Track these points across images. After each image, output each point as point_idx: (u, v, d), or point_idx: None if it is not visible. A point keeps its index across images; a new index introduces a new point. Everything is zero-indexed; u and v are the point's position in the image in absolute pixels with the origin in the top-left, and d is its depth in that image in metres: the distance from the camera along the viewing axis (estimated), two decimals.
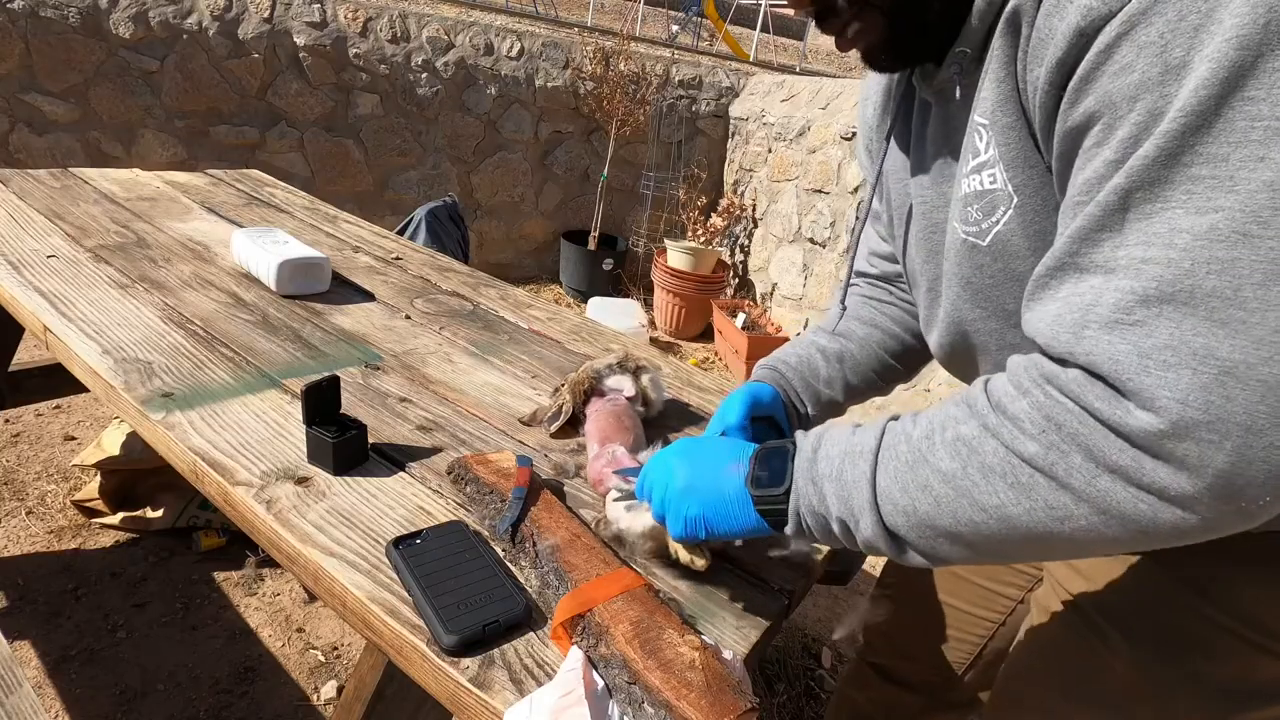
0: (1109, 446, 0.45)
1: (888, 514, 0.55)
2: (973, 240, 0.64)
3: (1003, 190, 0.60)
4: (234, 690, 1.55)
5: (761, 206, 4.21)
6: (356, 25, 3.54)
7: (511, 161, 4.11)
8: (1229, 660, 0.67)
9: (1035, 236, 0.59)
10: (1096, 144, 0.48)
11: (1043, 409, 0.48)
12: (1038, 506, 0.48)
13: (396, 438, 0.93)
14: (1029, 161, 0.57)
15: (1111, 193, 0.46)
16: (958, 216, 0.65)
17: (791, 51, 7.38)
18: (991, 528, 0.51)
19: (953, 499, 0.52)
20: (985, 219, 0.62)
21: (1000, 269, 0.63)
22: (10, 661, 1.03)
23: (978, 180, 0.62)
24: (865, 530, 0.57)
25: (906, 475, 0.54)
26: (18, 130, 3.06)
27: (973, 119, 0.61)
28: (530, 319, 1.41)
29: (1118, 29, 0.46)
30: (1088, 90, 0.48)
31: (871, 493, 0.56)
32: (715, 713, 0.56)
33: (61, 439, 2.25)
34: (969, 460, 0.51)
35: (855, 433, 0.60)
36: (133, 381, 0.95)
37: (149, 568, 1.82)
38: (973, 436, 0.51)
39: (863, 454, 0.57)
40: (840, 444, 0.59)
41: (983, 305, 0.67)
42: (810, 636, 1.98)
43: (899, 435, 0.57)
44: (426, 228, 2.56)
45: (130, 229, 1.47)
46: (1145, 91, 0.45)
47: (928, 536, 0.54)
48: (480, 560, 0.71)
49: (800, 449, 0.62)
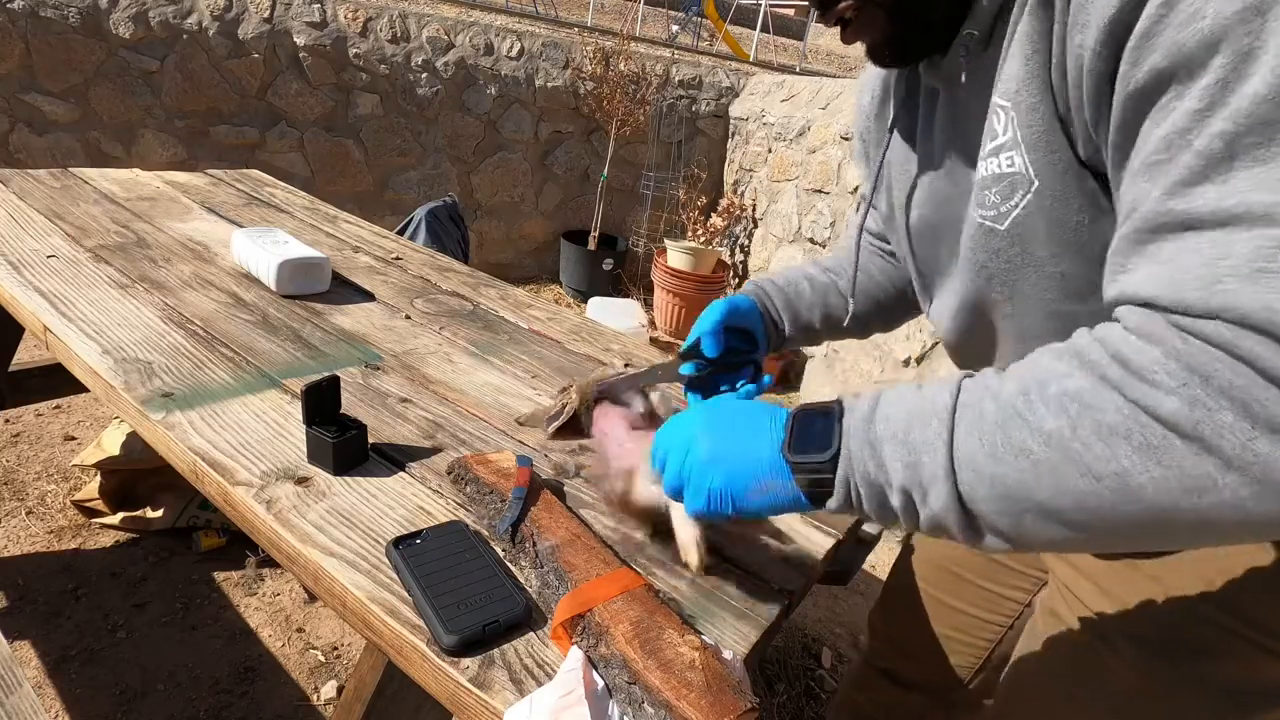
0: (1272, 401, 0.38)
1: (966, 483, 0.47)
2: (990, 224, 0.61)
3: (1022, 173, 0.57)
4: (234, 690, 1.55)
5: (761, 206, 4.21)
6: (356, 25, 3.54)
7: (511, 161, 4.11)
8: (1233, 662, 0.67)
9: (1054, 223, 0.56)
10: (1172, 99, 0.44)
11: (1183, 358, 0.41)
12: (1170, 475, 0.41)
13: (396, 438, 0.93)
14: (1051, 145, 0.54)
15: (1214, 139, 0.42)
16: (975, 201, 0.62)
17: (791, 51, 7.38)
18: (1104, 500, 0.43)
19: (1057, 464, 0.43)
20: (1004, 202, 0.59)
21: (1018, 253, 0.60)
22: (10, 661, 1.03)
23: (995, 163, 0.59)
24: (934, 503, 0.48)
25: (996, 436, 0.46)
26: (18, 130, 3.06)
27: (992, 101, 0.58)
28: (530, 319, 1.41)
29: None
30: (1152, 46, 0.44)
31: (948, 458, 0.47)
32: (715, 713, 0.56)
33: (61, 439, 2.25)
34: (1080, 418, 0.43)
35: (922, 390, 0.51)
36: (133, 381, 0.95)
37: (149, 568, 1.82)
38: (1086, 390, 0.43)
39: (935, 413, 0.49)
40: (905, 402, 0.51)
41: (1000, 290, 0.64)
42: (810, 636, 1.98)
43: (981, 391, 0.48)
44: (426, 228, 2.56)
45: (130, 229, 1.47)
46: (1225, 34, 0.41)
47: (1015, 511, 0.46)
48: (480, 560, 0.71)
49: (851, 408, 0.53)
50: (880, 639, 1.16)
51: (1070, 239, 0.57)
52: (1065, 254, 0.58)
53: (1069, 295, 0.60)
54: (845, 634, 2.03)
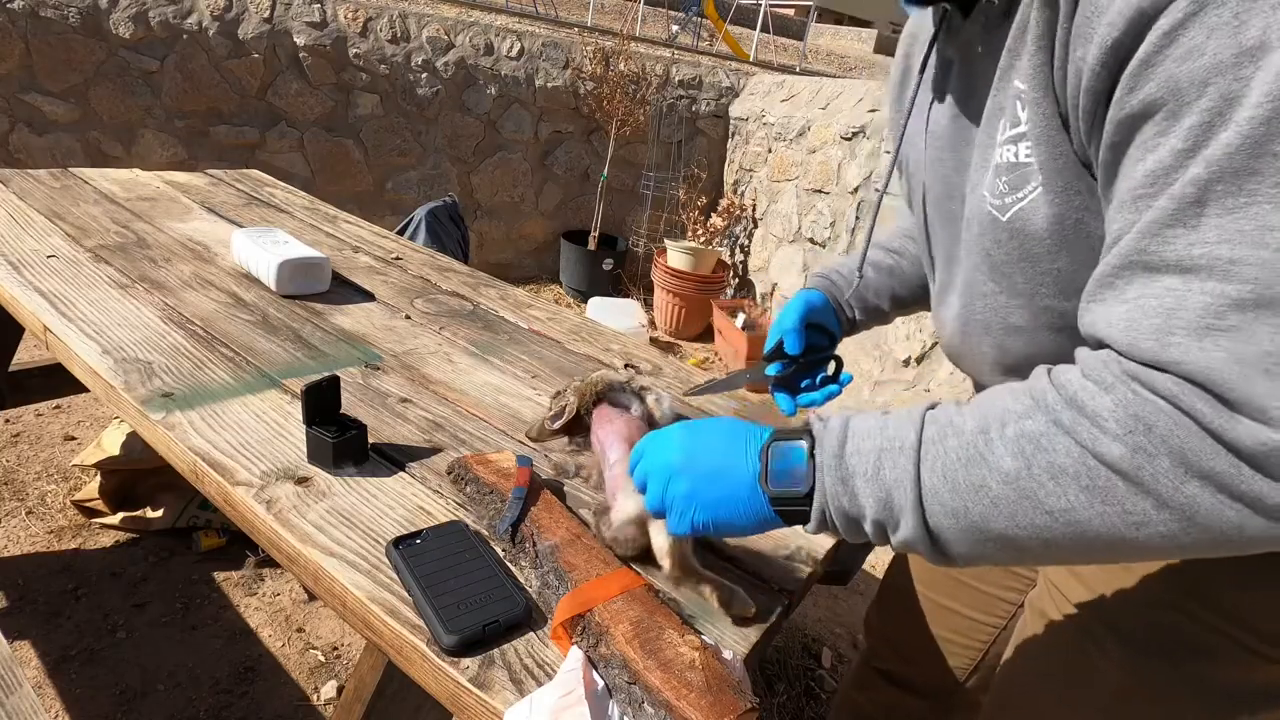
0: (1205, 451, 0.42)
1: (933, 515, 0.51)
2: (994, 213, 0.62)
3: (1034, 166, 0.57)
4: (234, 690, 1.55)
5: (761, 206, 4.21)
6: (356, 25, 3.54)
7: (511, 161, 4.11)
8: (1222, 664, 0.67)
9: (1053, 219, 0.57)
10: (1159, 133, 0.45)
11: (1130, 407, 0.44)
12: (1112, 512, 0.45)
13: (396, 438, 0.93)
14: (1052, 141, 0.55)
15: (1188, 184, 0.43)
16: (987, 185, 0.62)
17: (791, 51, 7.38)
18: (1055, 532, 0.48)
19: (1013, 501, 0.48)
20: (1011, 193, 0.59)
21: (1015, 247, 0.61)
22: (10, 661, 1.03)
23: (1013, 151, 0.58)
24: (904, 532, 0.52)
25: (959, 474, 0.50)
26: (18, 130, 3.06)
27: (1014, 86, 0.58)
28: (530, 319, 1.41)
29: (1186, 8, 0.43)
30: (1149, 75, 0.45)
31: (916, 493, 0.51)
32: (715, 713, 0.56)
33: (61, 439, 2.25)
34: (1034, 459, 0.47)
35: (887, 424, 0.54)
36: (133, 381, 0.95)
37: (149, 568, 1.82)
38: (1040, 433, 0.47)
39: (903, 449, 0.52)
40: (872, 437, 0.54)
41: (996, 280, 0.65)
42: (810, 636, 1.98)
43: (945, 428, 0.52)
44: (426, 228, 2.56)
45: (130, 229, 1.47)
46: (1217, 75, 0.42)
47: (977, 540, 0.50)
48: (480, 560, 0.71)
49: (822, 443, 0.56)
50: (877, 639, 1.16)
51: (1068, 236, 0.58)
52: (1062, 251, 0.59)
53: (1063, 292, 0.61)
54: (845, 634, 2.03)
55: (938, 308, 0.81)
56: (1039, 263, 0.61)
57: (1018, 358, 0.69)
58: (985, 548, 0.51)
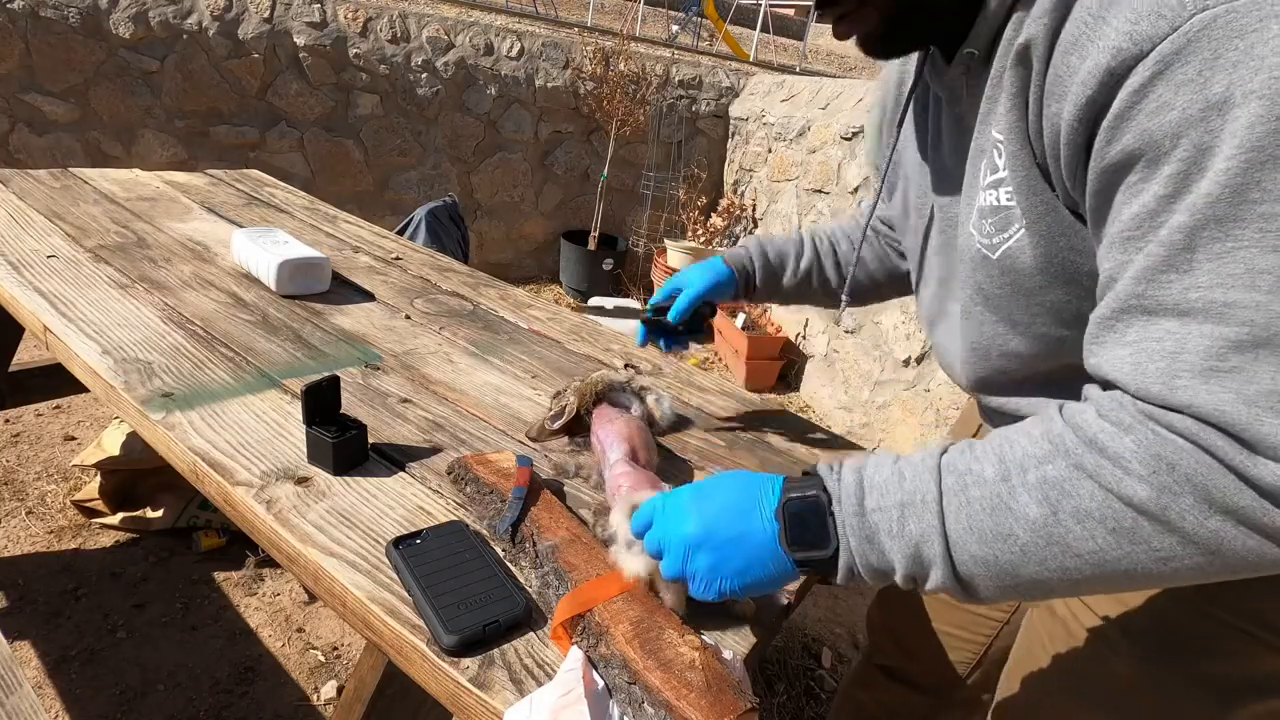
0: (1229, 489, 0.44)
1: (962, 564, 0.52)
2: (984, 251, 0.64)
3: (1016, 210, 0.60)
4: (234, 690, 1.56)
5: (761, 206, 4.21)
6: (356, 25, 3.54)
7: (511, 161, 4.11)
8: (1230, 656, 0.67)
9: (1041, 257, 0.60)
10: (1141, 179, 0.48)
11: (1151, 448, 0.46)
12: (1139, 550, 0.47)
13: (396, 438, 0.93)
14: (1034, 189, 0.58)
15: (1176, 231, 0.46)
16: (974, 225, 0.65)
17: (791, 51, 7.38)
18: (1084, 573, 0.49)
19: (1041, 548, 0.49)
20: (998, 234, 0.62)
21: (1009, 282, 0.64)
22: (10, 661, 1.03)
23: (994, 196, 0.62)
24: (935, 582, 0.53)
25: (985, 523, 0.51)
26: (18, 130, 3.06)
27: (991, 135, 0.61)
28: (530, 319, 1.41)
29: (1151, 68, 0.46)
30: (1124, 128, 0.48)
31: (944, 546, 0.52)
32: (715, 713, 0.56)
33: (61, 439, 2.25)
34: (1060, 505, 0.48)
35: (904, 477, 0.55)
36: (133, 381, 0.95)
37: (149, 568, 1.82)
38: (1063, 478, 0.49)
39: (925, 503, 0.53)
40: (891, 492, 0.54)
41: (993, 310, 0.68)
42: (810, 636, 1.98)
43: (964, 477, 0.52)
44: (426, 228, 2.56)
45: (130, 229, 1.47)
46: (1188, 128, 0.45)
47: (1007, 584, 0.52)
48: (480, 560, 0.71)
49: (841, 502, 0.56)
50: (879, 634, 1.16)
51: (1058, 272, 0.61)
52: (1054, 285, 0.62)
53: (1058, 322, 0.64)
54: (845, 634, 2.03)
55: (930, 328, 0.83)
56: (1033, 296, 0.63)
57: (1016, 379, 0.71)
58: (1015, 590, 0.52)
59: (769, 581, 0.60)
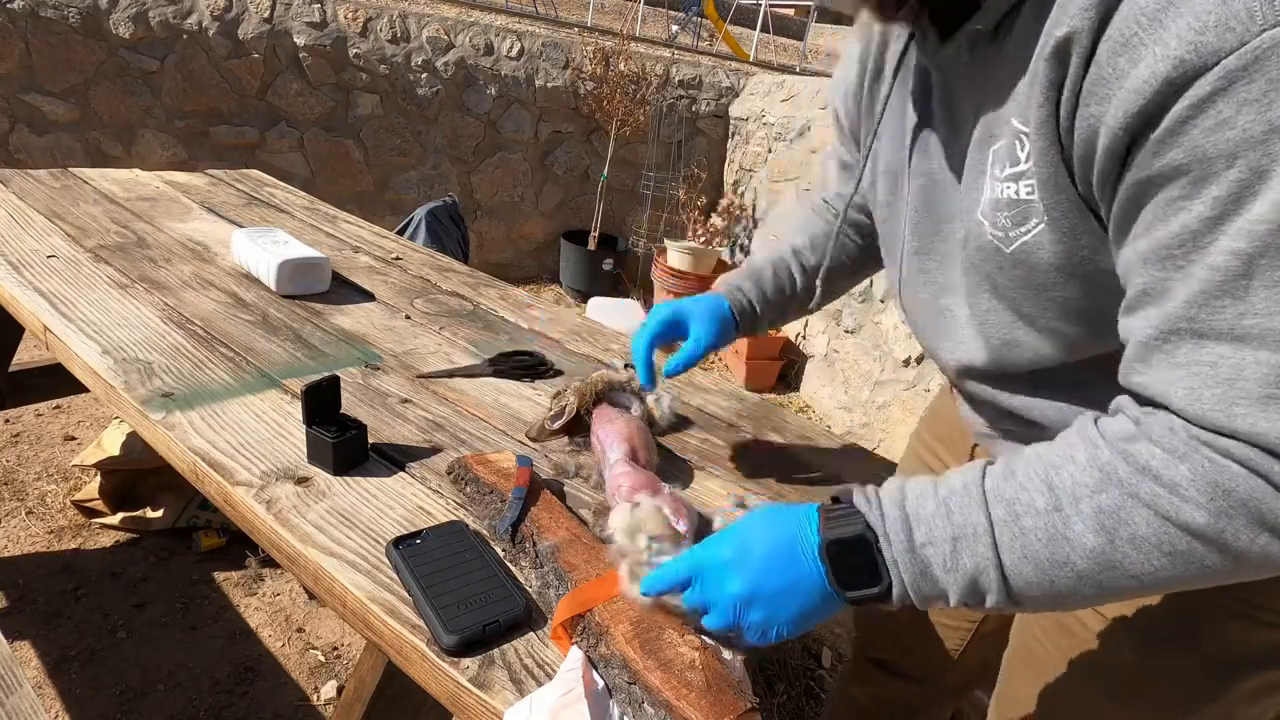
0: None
1: (1018, 589, 0.53)
2: (997, 243, 0.63)
3: (1037, 204, 0.58)
4: (234, 690, 1.56)
5: (761, 206, 4.21)
6: (356, 25, 3.54)
7: (511, 161, 4.11)
8: (1226, 634, 0.69)
9: (1061, 254, 0.59)
10: (1184, 196, 0.47)
11: (1208, 475, 0.47)
12: (1192, 568, 0.49)
13: (396, 438, 0.93)
14: (1059, 186, 0.56)
15: (1230, 256, 0.45)
16: (985, 215, 0.63)
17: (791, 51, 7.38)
18: (1138, 590, 0.51)
19: (1097, 573, 0.51)
20: (1014, 227, 0.61)
21: (1020, 276, 0.62)
22: (10, 661, 1.03)
23: (1013, 188, 0.60)
24: (990, 604, 0.55)
25: (1041, 553, 0.52)
26: (18, 130, 3.06)
27: (1013, 125, 0.59)
28: (530, 319, 1.41)
29: (1214, 83, 0.44)
30: (1175, 142, 0.47)
31: (1000, 575, 0.53)
32: (715, 713, 0.56)
33: (61, 439, 2.25)
34: (1116, 533, 0.50)
35: (950, 508, 0.55)
36: (133, 381, 0.95)
37: (149, 568, 1.82)
38: (1118, 507, 0.50)
39: (977, 535, 0.54)
40: (940, 525, 0.55)
41: (1000, 299, 0.66)
42: (810, 636, 1.98)
43: (1014, 507, 0.53)
44: (426, 228, 2.56)
45: (130, 229, 1.47)
46: (1247, 149, 0.44)
47: (1063, 605, 0.54)
48: (480, 560, 0.72)
49: (889, 538, 0.56)
50: (869, 629, 1.17)
51: (1074, 270, 0.59)
52: (1069, 282, 0.60)
53: (1067, 318, 0.63)
54: (845, 634, 2.03)
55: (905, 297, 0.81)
56: (1045, 291, 0.62)
57: (1013, 366, 0.70)
58: (1066, 605, 0.54)
59: (820, 619, 0.61)
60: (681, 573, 0.64)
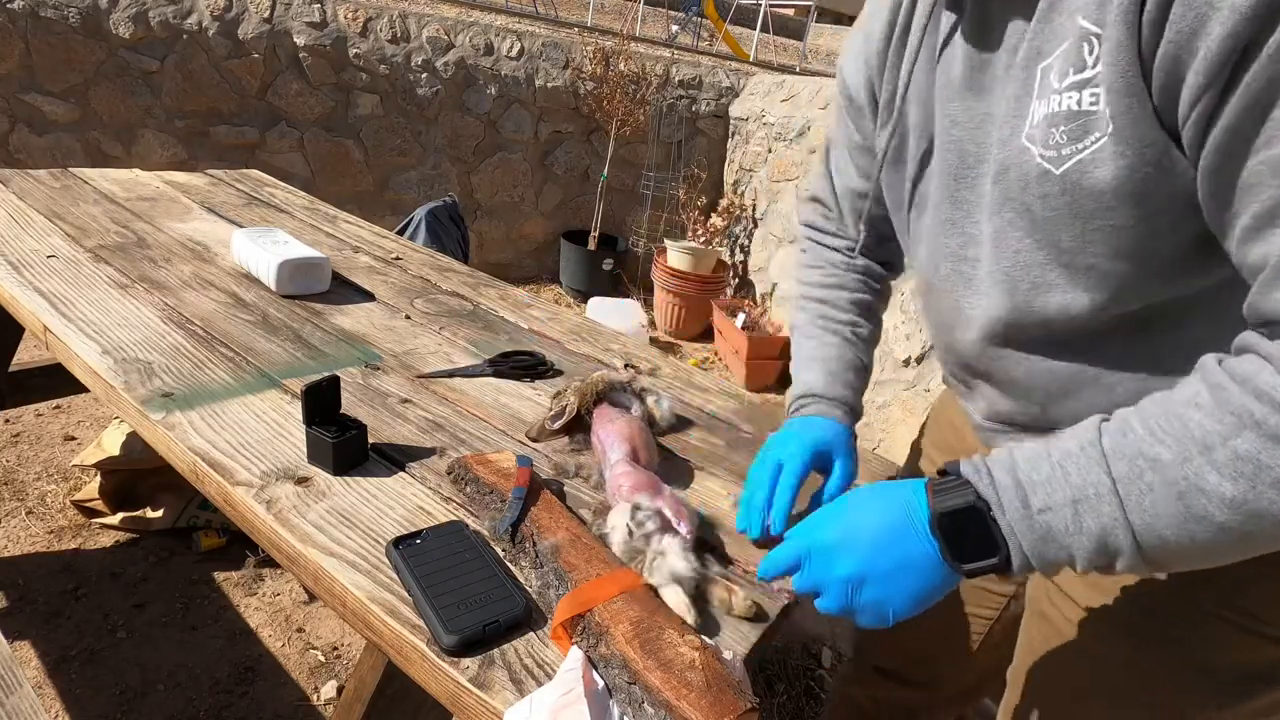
0: None
1: (1151, 548, 0.50)
2: (1046, 166, 0.57)
3: (1103, 114, 0.52)
4: (234, 690, 1.56)
5: (761, 206, 4.21)
6: (356, 25, 3.54)
7: (511, 161, 4.11)
8: (1227, 650, 0.68)
9: (1122, 171, 0.53)
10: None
11: None
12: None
13: (396, 438, 0.93)
14: (1131, 89, 0.51)
15: None
16: (1037, 140, 0.57)
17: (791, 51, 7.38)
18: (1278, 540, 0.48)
19: (1240, 523, 0.48)
20: (1070, 144, 0.55)
21: (1067, 203, 0.57)
22: (10, 661, 1.03)
23: (1074, 99, 0.54)
24: (1122, 567, 0.52)
25: (1173, 508, 0.49)
26: (18, 130, 3.06)
27: (1078, 24, 0.53)
28: (530, 319, 1.41)
29: None
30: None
31: (1130, 536, 0.50)
32: (715, 713, 0.56)
33: (61, 439, 2.25)
34: (1258, 478, 0.46)
35: (1067, 470, 0.52)
36: (133, 381, 0.95)
37: (149, 568, 1.82)
38: (1257, 451, 0.47)
39: (1100, 495, 0.51)
40: (1058, 488, 0.52)
41: (1035, 236, 0.61)
42: (810, 636, 1.98)
43: (1136, 461, 0.50)
44: (426, 228, 2.56)
45: (130, 229, 1.47)
46: None
47: (1208, 558, 0.51)
48: (480, 560, 0.72)
49: (1003, 506, 0.54)
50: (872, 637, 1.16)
51: (1132, 191, 0.54)
52: (1121, 207, 0.55)
53: (1112, 251, 0.58)
54: (845, 634, 2.03)
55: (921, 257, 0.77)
56: (1091, 219, 0.57)
57: (1036, 317, 0.65)
58: (1214, 560, 0.51)
59: (936, 595, 0.59)
60: (791, 555, 0.63)
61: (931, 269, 0.75)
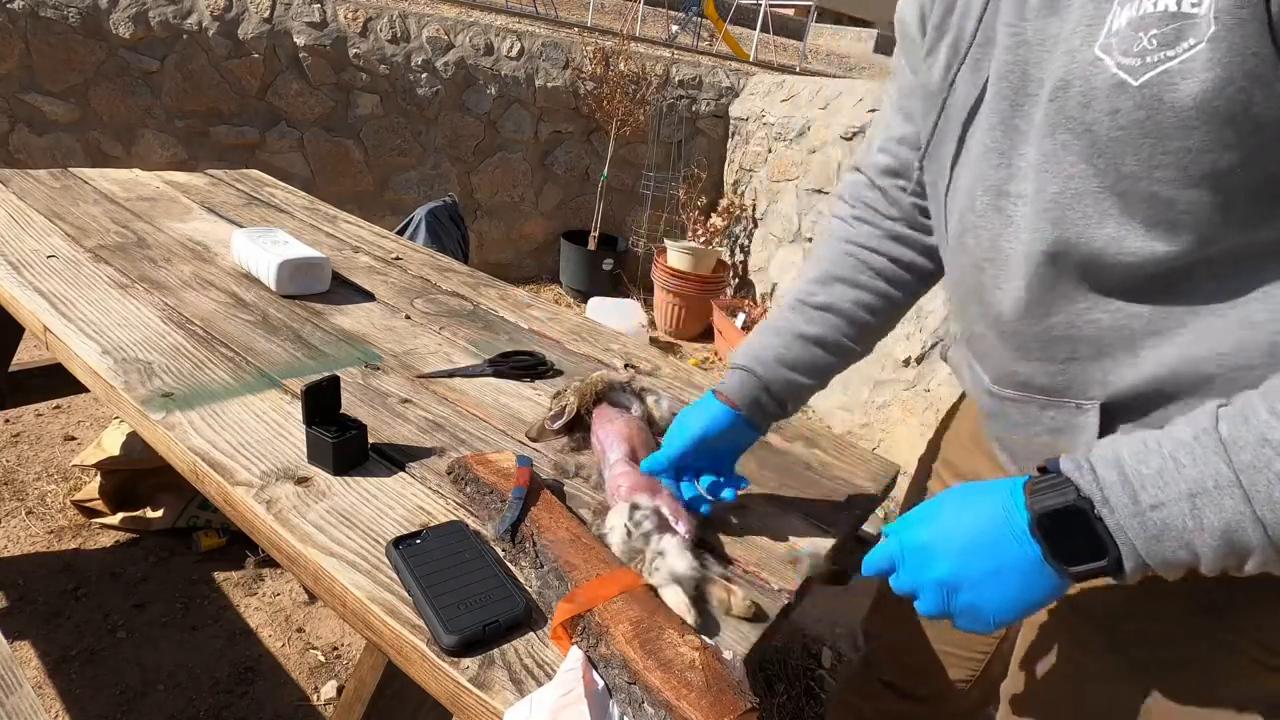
0: None
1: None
2: (1123, 76, 0.51)
3: (1205, 16, 0.46)
4: (234, 690, 1.56)
5: (761, 206, 4.21)
6: (356, 25, 3.54)
7: (511, 161, 4.11)
8: (1226, 675, 0.66)
9: (1214, 84, 0.47)
10: None
11: None
12: None
13: (396, 438, 0.93)
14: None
15: None
16: (1116, 47, 0.51)
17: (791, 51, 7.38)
18: None
19: None
20: (1158, 50, 0.49)
21: (1141, 119, 0.51)
22: (10, 661, 1.03)
23: None
24: (1254, 565, 0.48)
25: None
26: (18, 130, 3.06)
27: None
28: (530, 319, 1.41)
29: None
30: None
31: (1261, 531, 0.46)
32: (715, 713, 0.56)
33: (61, 439, 2.25)
34: None
35: (1180, 462, 0.49)
36: (133, 381, 0.95)
37: (149, 568, 1.82)
38: None
39: (1220, 488, 0.47)
40: (1171, 483, 0.48)
41: (1093, 160, 0.55)
42: (810, 636, 1.98)
43: (1259, 449, 0.46)
44: (426, 228, 2.56)
45: (130, 229, 1.47)
46: None
47: None
48: (480, 560, 0.72)
49: (1110, 504, 0.50)
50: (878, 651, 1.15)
51: (1220, 107, 0.48)
52: (1202, 126, 0.49)
53: (1182, 177, 0.51)
54: (845, 634, 2.03)
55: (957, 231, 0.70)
56: (1166, 139, 0.51)
57: (1080, 248, 0.58)
58: None
59: (1043, 601, 0.56)
60: (886, 556, 0.61)
61: (967, 203, 0.68)
